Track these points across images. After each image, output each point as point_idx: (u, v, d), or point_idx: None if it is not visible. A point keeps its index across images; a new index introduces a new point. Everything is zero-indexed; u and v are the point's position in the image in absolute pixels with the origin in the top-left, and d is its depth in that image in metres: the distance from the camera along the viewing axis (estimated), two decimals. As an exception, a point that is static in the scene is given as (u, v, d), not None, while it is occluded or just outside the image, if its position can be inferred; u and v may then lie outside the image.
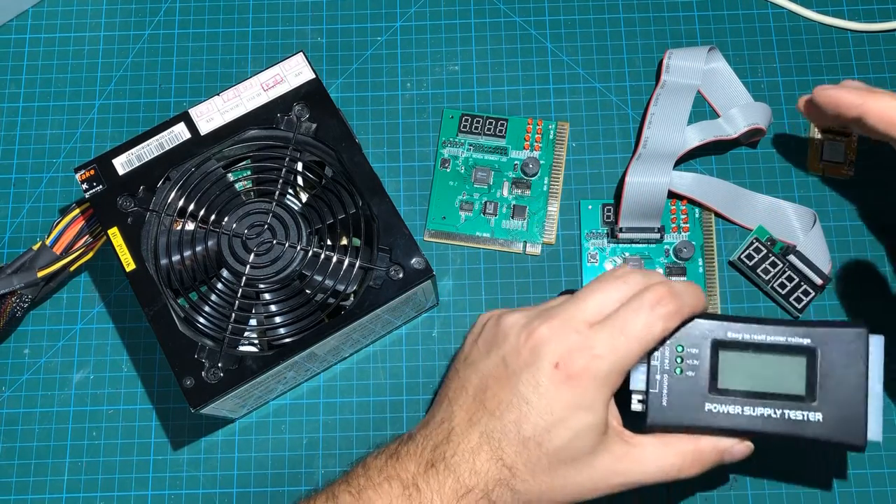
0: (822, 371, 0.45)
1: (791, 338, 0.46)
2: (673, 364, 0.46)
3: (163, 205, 0.52)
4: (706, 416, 0.46)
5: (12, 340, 0.58)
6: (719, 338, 0.46)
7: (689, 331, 0.46)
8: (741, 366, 0.46)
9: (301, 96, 0.53)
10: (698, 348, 0.46)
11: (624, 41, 0.63)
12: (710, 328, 0.47)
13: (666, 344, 0.46)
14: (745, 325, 0.47)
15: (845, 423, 0.45)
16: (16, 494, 0.55)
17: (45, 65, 0.63)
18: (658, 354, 0.46)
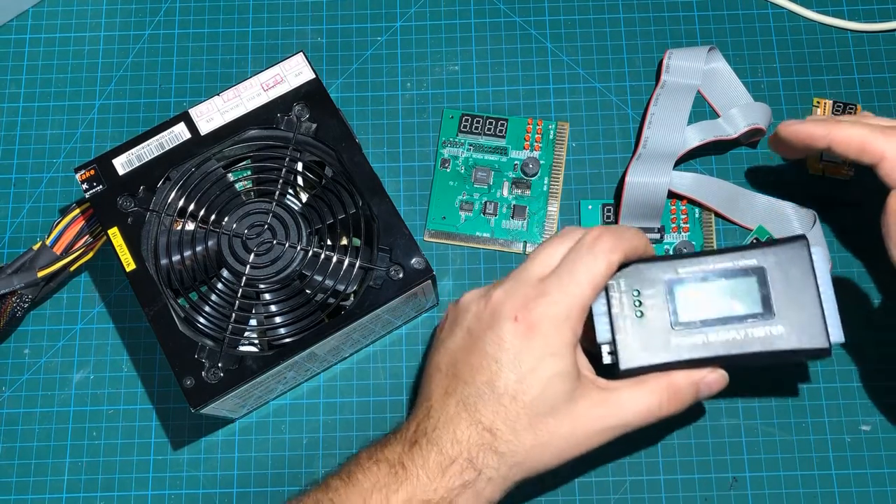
0: (774, 286, 0.47)
1: (738, 262, 0.48)
2: (633, 309, 0.47)
3: (163, 205, 0.52)
4: (673, 351, 0.47)
5: (12, 340, 0.58)
6: (672, 276, 0.48)
7: (643, 275, 0.48)
8: (697, 297, 0.47)
9: (301, 96, 0.53)
10: (654, 289, 0.48)
11: (624, 41, 0.63)
12: (662, 269, 0.48)
13: (622, 292, 0.48)
14: (695, 260, 0.48)
15: (806, 329, 0.46)
16: (16, 494, 0.55)
17: (45, 65, 0.63)
18: (617, 303, 0.47)
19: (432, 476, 0.44)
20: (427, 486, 0.44)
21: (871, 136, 0.47)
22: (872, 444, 0.54)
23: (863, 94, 0.61)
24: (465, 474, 0.44)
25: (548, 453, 0.45)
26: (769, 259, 0.47)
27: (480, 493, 0.44)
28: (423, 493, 0.43)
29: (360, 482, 0.45)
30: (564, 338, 0.45)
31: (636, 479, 0.54)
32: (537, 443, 0.44)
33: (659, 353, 0.47)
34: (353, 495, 0.44)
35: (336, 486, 0.45)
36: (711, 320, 0.47)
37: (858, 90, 0.61)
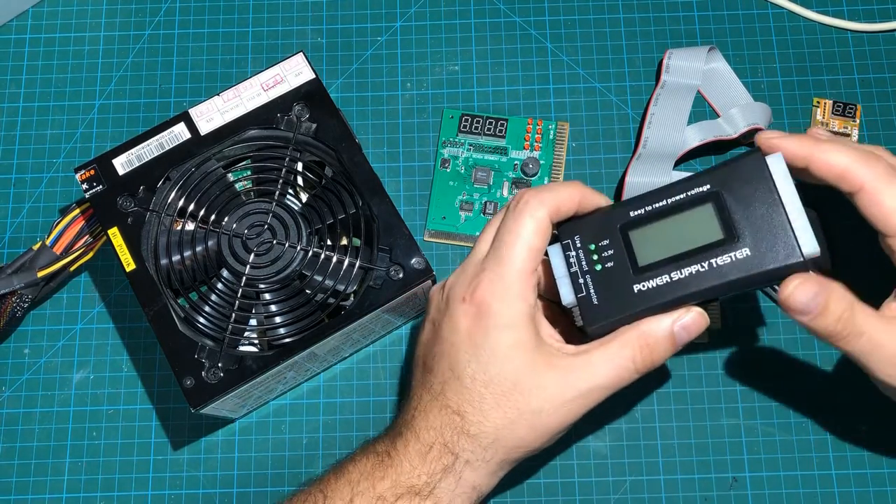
0: (733, 208, 0.44)
1: (690, 191, 0.44)
2: (591, 263, 0.45)
3: (163, 205, 0.52)
4: (640, 299, 0.44)
5: (12, 340, 0.58)
6: (624, 221, 0.45)
7: (595, 226, 0.46)
8: (654, 237, 0.45)
9: (301, 96, 0.53)
10: (609, 238, 0.45)
11: (624, 41, 0.63)
12: (613, 216, 0.46)
13: (578, 248, 0.46)
14: (644, 199, 0.45)
15: (775, 247, 0.43)
16: (16, 494, 0.55)
17: (45, 65, 0.63)
18: (574, 261, 0.46)
19: (414, 463, 0.44)
20: (410, 472, 0.44)
21: (853, 163, 0.43)
22: (872, 443, 0.54)
23: (863, 94, 0.61)
24: (443, 459, 0.44)
25: (521, 429, 0.44)
26: (723, 181, 0.44)
27: (461, 476, 0.44)
28: (406, 480, 0.44)
29: (348, 472, 0.46)
30: (513, 309, 0.44)
31: (636, 479, 0.54)
32: (507, 420, 0.44)
33: (624, 303, 0.44)
34: (343, 486, 0.45)
35: (328, 478, 0.46)
36: (672, 258, 0.44)
37: (858, 90, 0.61)
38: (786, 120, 0.61)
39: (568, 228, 0.46)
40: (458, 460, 0.44)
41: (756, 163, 0.44)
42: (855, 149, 0.44)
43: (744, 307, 0.57)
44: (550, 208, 0.45)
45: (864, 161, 0.43)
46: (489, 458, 0.44)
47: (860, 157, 0.44)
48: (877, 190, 0.43)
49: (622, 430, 0.55)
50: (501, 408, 0.44)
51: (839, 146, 0.44)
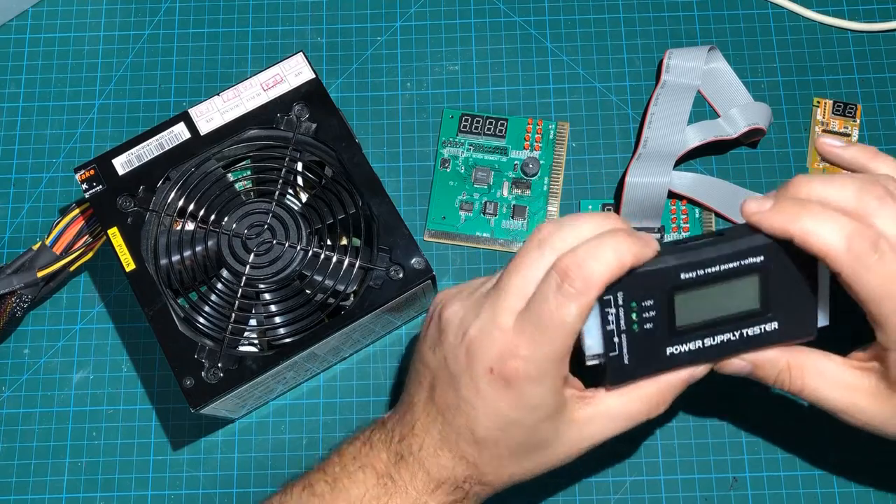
0: (774, 283, 0.44)
1: (744, 260, 0.43)
2: (629, 322, 0.43)
3: (163, 205, 0.52)
4: (669, 361, 0.44)
5: (12, 340, 0.58)
6: (673, 283, 0.43)
7: (641, 284, 0.43)
8: (696, 301, 0.44)
9: (301, 96, 0.53)
10: (653, 299, 0.43)
11: (624, 41, 0.63)
12: (662, 276, 0.43)
13: (620, 306, 0.43)
14: (696, 258, 0.43)
15: (797, 321, 0.44)
16: (16, 494, 0.55)
17: (45, 65, 0.63)
18: (612, 318, 0.43)
19: (420, 492, 0.44)
20: (417, 500, 0.44)
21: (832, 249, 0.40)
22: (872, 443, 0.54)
23: (863, 94, 0.61)
24: (453, 494, 0.44)
25: (536, 472, 0.45)
26: (774, 255, 0.43)
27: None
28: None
29: (346, 489, 0.44)
30: (544, 388, 0.41)
31: (636, 479, 0.54)
32: (524, 470, 0.45)
33: (652, 364, 0.44)
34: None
35: (321, 491, 0.45)
36: (708, 323, 0.44)
37: (858, 90, 0.61)
38: (786, 120, 0.61)
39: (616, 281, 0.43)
40: (469, 495, 0.45)
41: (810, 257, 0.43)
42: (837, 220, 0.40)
43: (744, 307, 0.57)
44: (603, 286, 0.41)
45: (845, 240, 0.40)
46: (500, 489, 0.46)
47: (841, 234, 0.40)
48: (856, 276, 0.40)
49: (622, 431, 0.55)
50: (520, 463, 0.44)
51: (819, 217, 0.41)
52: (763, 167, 0.60)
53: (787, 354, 0.45)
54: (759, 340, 0.45)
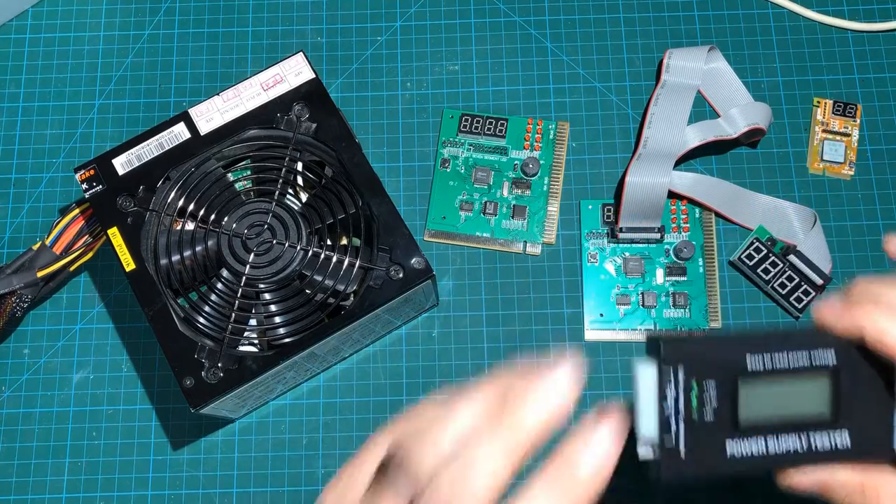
0: (847, 390, 0.41)
1: (814, 359, 0.41)
2: (689, 407, 0.40)
3: (163, 205, 0.52)
4: (728, 463, 0.40)
5: (12, 340, 0.58)
6: (739, 371, 0.40)
7: (703, 362, 0.40)
8: (762, 396, 0.41)
9: (301, 96, 0.53)
10: (716, 383, 0.40)
11: (624, 41, 0.63)
12: (724, 358, 0.41)
13: (679, 387, 0.40)
14: (763, 350, 0.41)
15: (871, 437, 0.41)
16: (16, 494, 0.55)
17: (45, 65, 0.63)
18: (671, 398, 0.40)
19: None
20: None
21: None
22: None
23: (863, 94, 0.61)
24: None
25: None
26: (847, 357, 0.41)
27: None
28: None
29: None
30: None
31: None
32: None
33: (710, 463, 0.40)
34: None
35: None
36: (773, 425, 0.41)
37: (859, 90, 0.61)
38: (786, 120, 0.61)
39: (673, 351, 0.40)
40: None
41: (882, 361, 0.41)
42: None
43: (744, 307, 0.57)
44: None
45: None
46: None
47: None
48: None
49: (622, 430, 0.55)
50: None
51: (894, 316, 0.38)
52: (763, 167, 0.60)
53: (861, 474, 0.40)
54: (827, 455, 0.41)
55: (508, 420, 0.30)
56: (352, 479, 0.33)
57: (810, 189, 0.59)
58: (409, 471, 0.30)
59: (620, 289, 0.57)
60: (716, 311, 0.57)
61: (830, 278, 0.56)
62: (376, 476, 0.33)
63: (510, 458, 0.30)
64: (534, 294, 0.58)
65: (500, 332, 0.57)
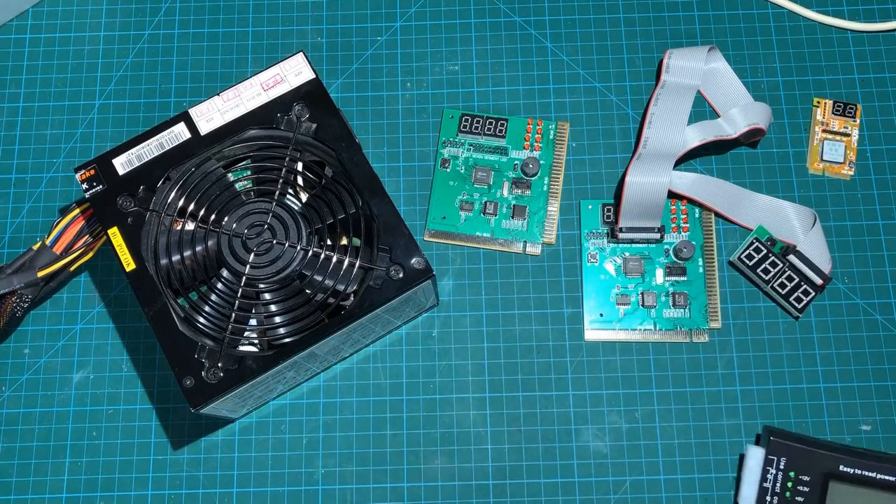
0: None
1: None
2: (783, 489, 0.49)
3: (163, 205, 0.52)
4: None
5: (12, 340, 0.58)
6: (831, 470, 0.49)
7: (804, 460, 0.49)
8: (848, 496, 0.49)
9: (301, 96, 0.53)
10: (811, 477, 0.49)
11: (624, 41, 0.63)
12: (824, 459, 0.49)
13: (780, 470, 0.49)
14: (859, 462, 0.49)
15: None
16: (16, 494, 0.55)
17: (46, 65, 0.63)
18: (770, 478, 0.49)
19: None
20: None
21: None
22: (873, 443, 0.54)
23: (863, 94, 0.61)
24: None
25: None
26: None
27: None
28: None
29: None
30: None
31: (636, 479, 0.54)
32: None
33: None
34: None
35: None
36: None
37: (859, 90, 0.61)
38: (786, 120, 0.61)
39: (779, 445, 0.50)
40: None
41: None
42: None
43: (744, 307, 0.57)
44: None
45: None
46: None
47: None
48: None
49: (622, 430, 0.55)
50: None
51: None
52: (763, 167, 0.60)
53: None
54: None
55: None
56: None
57: (810, 189, 0.59)
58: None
59: (620, 289, 0.57)
60: (715, 311, 0.57)
61: (830, 278, 0.56)
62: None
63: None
64: (534, 294, 0.58)
65: (500, 332, 0.57)
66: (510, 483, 0.54)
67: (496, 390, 0.56)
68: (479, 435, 0.55)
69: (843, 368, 0.56)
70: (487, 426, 0.56)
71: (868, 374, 0.56)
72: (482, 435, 0.55)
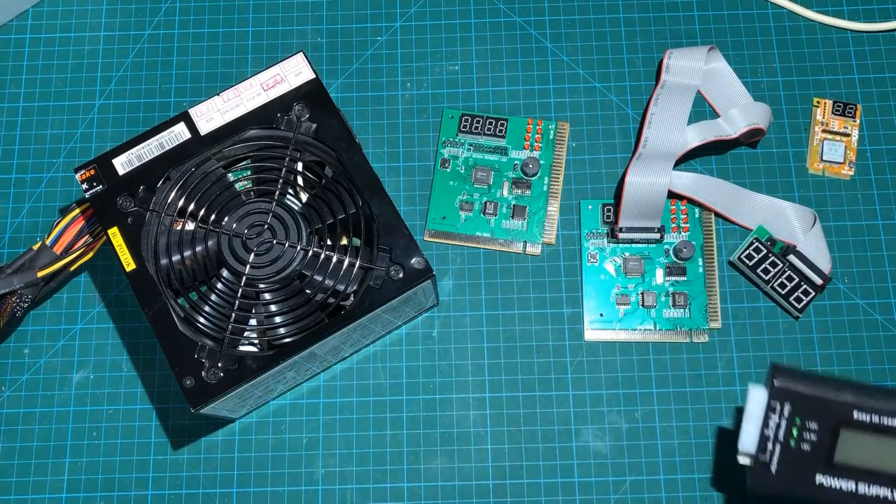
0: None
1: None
2: (788, 436, 0.44)
3: (163, 205, 0.52)
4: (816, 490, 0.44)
5: (12, 340, 0.58)
6: (843, 418, 0.44)
7: (811, 405, 0.44)
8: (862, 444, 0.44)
9: (301, 96, 0.53)
10: (819, 426, 0.44)
11: (624, 41, 0.63)
12: (833, 405, 0.44)
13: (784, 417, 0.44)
14: (874, 404, 0.44)
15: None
16: (16, 494, 0.55)
17: (46, 65, 0.63)
18: (773, 425, 0.44)
19: None
20: None
21: None
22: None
23: (863, 94, 0.61)
24: None
25: None
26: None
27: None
28: None
29: None
30: None
31: (636, 479, 0.54)
32: None
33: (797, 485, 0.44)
34: None
35: None
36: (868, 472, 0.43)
37: (858, 90, 0.61)
38: (786, 120, 0.61)
39: (784, 390, 0.44)
40: None
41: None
42: None
43: (744, 307, 0.57)
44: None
45: None
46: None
47: None
48: None
49: (622, 431, 0.55)
50: None
51: None
52: (763, 167, 0.60)
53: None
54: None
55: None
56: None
57: (810, 189, 0.59)
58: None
59: (620, 289, 0.57)
60: (715, 311, 0.57)
61: (830, 278, 0.56)
62: None
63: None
64: (534, 294, 0.58)
65: (500, 332, 0.57)
66: (510, 483, 0.54)
67: (496, 390, 0.56)
68: (479, 435, 0.55)
69: (844, 368, 0.56)
70: (487, 426, 0.56)
71: (868, 374, 0.56)
72: (482, 435, 0.55)
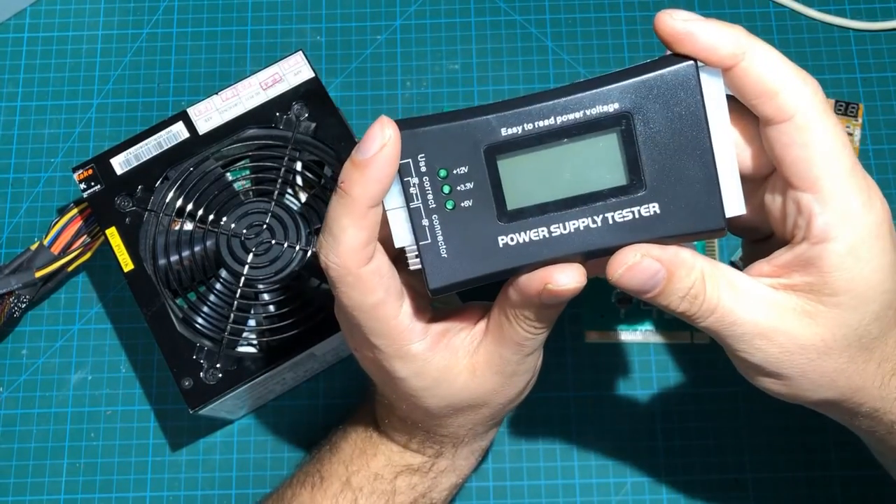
0: (645, 142, 0.32)
1: (591, 109, 0.32)
2: (440, 197, 0.33)
3: (161, 204, 0.52)
4: (504, 256, 0.33)
5: (10, 341, 0.57)
6: (491, 141, 0.32)
7: (448, 142, 0.33)
8: (532, 169, 0.33)
9: (300, 95, 0.53)
10: (468, 165, 0.33)
11: (625, 40, 0.63)
12: (474, 129, 0.32)
13: (423, 174, 0.33)
14: (520, 108, 0.32)
15: (692, 204, 0.32)
16: (14, 496, 0.55)
17: (43, 64, 0.63)
18: (416, 192, 0.33)
19: (403, 444, 0.46)
20: (401, 453, 0.46)
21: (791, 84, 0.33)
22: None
23: (865, 94, 0.61)
24: (428, 448, 0.45)
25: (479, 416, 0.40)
26: (638, 99, 0.32)
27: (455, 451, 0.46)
28: (400, 459, 0.45)
29: (342, 451, 0.47)
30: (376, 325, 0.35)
31: (637, 480, 0.54)
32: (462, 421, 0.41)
33: (483, 261, 0.33)
34: (336, 464, 0.46)
35: (322, 457, 0.48)
36: (554, 203, 0.33)
37: (861, 89, 0.61)
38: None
39: (409, 139, 0.33)
40: (445, 445, 0.45)
41: (686, 79, 0.31)
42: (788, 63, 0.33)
43: (745, 307, 0.57)
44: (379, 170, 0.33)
45: (801, 81, 0.33)
46: (475, 434, 0.44)
47: (797, 74, 0.33)
48: (809, 125, 0.32)
49: (623, 431, 0.55)
50: (447, 419, 0.41)
51: (771, 51, 0.33)
52: (764, 167, 0.60)
53: (700, 259, 0.33)
54: (634, 230, 0.32)
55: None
56: None
57: (812, 189, 0.59)
58: None
59: (621, 289, 0.57)
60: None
61: (832, 278, 0.56)
62: None
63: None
64: (534, 294, 0.58)
65: (500, 332, 0.57)
66: (510, 485, 0.54)
67: (496, 391, 0.56)
68: (480, 436, 0.55)
69: (845, 369, 0.55)
70: (488, 427, 0.55)
71: (870, 374, 0.55)
72: (482, 436, 0.55)
